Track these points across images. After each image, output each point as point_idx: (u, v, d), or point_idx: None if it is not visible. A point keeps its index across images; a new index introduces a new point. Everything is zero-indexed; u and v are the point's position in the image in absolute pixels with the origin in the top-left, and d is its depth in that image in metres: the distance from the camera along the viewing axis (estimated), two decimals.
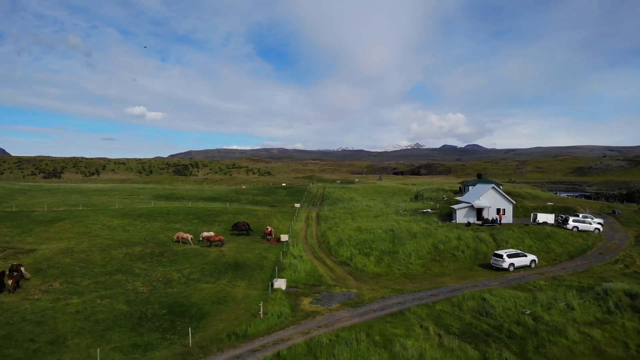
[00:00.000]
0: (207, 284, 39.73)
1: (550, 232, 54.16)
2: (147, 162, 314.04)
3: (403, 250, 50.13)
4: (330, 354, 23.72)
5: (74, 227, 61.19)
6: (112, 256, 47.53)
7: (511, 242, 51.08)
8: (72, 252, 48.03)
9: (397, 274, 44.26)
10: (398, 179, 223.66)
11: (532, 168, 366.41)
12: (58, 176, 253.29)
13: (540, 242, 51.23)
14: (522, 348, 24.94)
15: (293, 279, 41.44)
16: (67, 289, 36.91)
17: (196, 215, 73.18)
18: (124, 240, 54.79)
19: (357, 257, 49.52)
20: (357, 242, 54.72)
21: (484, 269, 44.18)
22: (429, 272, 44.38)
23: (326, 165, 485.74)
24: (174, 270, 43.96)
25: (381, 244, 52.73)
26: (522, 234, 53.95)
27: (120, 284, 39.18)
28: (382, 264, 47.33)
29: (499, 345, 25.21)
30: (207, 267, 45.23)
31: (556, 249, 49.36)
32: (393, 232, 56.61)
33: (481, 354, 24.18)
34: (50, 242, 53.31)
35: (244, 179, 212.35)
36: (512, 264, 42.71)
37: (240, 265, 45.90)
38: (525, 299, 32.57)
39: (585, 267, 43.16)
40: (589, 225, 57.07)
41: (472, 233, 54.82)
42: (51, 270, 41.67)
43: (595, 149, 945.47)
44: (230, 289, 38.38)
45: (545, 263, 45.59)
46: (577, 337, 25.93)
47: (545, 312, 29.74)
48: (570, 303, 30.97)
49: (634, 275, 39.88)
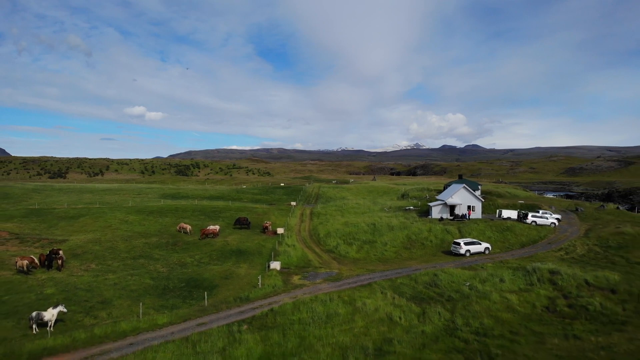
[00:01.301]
0: (215, 266, 48.38)
1: (510, 226, 62.85)
2: (149, 163, 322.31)
3: (381, 240, 58.73)
4: (309, 308, 32.32)
5: (95, 222, 69.72)
6: (134, 245, 56.18)
7: (474, 234, 59.69)
8: (99, 241, 56.67)
9: (373, 258, 52.85)
10: (392, 179, 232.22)
11: (526, 168, 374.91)
12: (63, 176, 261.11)
13: (499, 233, 59.92)
14: (453, 306, 33.49)
15: (286, 262, 50.01)
16: (102, 268, 45.55)
17: (202, 212, 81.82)
18: (141, 232, 63.42)
19: (342, 246, 58.09)
20: (342, 234, 63.30)
21: (446, 255, 52.80)
22: (400, 257, 52.99)
23: (325, 165, 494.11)
24: (187, 256, 52.60)
25: (363, 235, 61.33)
26: (485, 227, 62.62)
27: (143, 266, 47.78)
28: (362, 251, 55.92)
29: (436, 305, 33.79)
30: (214, 253, 53.88)
31: (511, 239, 58.04)
32: (374, 226, 65.19)
33: (421, 309, 32.74)
34: (77, 234, 61.88)
35: (244, 179, 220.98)
36: (469, 250, 51.34)
37: (242, 252, 54.53)
38: (469, 275, 41.13)
39: (531, 254, 51.73)
40: (546, 220, 65.69)
41: (442, 226, 63.48)
42: (86, 255, 50.31)
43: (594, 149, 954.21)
44: (234, 269, 47.04)
45: (499, 250, 54.24)
46: (497, 299, 34.50)
47: (480, 284, 38.31)
48: (502, 278, 39.58)
49: (570, 260, 48.38)
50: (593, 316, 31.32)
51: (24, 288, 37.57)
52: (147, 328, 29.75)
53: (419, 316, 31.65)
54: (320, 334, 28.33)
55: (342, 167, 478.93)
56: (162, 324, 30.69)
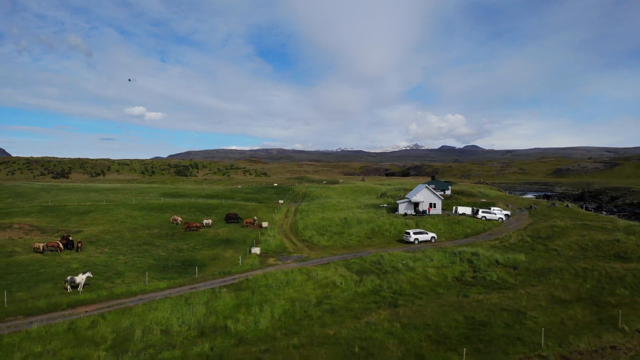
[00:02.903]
0: (206, 251, 58.75)
1: (460, 220, 73.25)
2: (149, 163, 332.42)
3: (348, 232, 68.99)
4: (274, 277, 42.67)
5: (104, 216, 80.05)
6: (138, 235, 66.54)
7: (428, 226, 69.97)
8: (109, 232, 67.04)
9: (339, 246, 63.10)
10: (380, 179, 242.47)
11: (516, 169, 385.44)
12: (66, 176, 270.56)
13: (449, 226, 70.30)
14: (384, 276, 43.76)
15: (265, 248, 60.28)
16: (114, 252, 55.93)
17: (197, 208, 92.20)
18: (144, 225, 73.77)
19: (315, 236, 68.33)
20: (318, 227, 73.57)
21: (399, 243, 63.08)
22: (361, 245, 63.23)
23: (321, 166, 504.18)
24: (183, 243, 62.94)
25: (335, 228, 71.60)
26: (439, 221, 73.02)
27: (147, 251, 58.12)
28: (331, 240, 66.15)
29: (372, 275, 44.09)
30: (206, 241, 64.25)
31: (458, 230, 68.43)
32: (346, 220, 75.50)
33: (360, 278, 43.04)
34: (89, 226, 72.19)
35: (241, 180, 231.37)
36: (417, 238, 61.65)
37: (229, 241, 64.88)
38: (408, 256, 51.35)
39: (471, 242, 62.00)
40: (494, 215, 76.06)
41: (403, 220, 73.86)
42: (99, 242, 60.69)
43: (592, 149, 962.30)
44: (222, 253, 57.41)
45: (445, 239, 64.58)
46: (420, 272, 44.83)
47: (413, 262, 48.60)
48: (432, 258, 49.92)
49: (500, 247, 58.59)
50: (488, 284, 41.73)
51: (55, 264, 47.93)
52: (152, 290, 40.10)
53: (357, 282, 42.00)
54: (279, 293, 38.70)
55: (338, 167, 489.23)
56: (163, 287, 41.05)
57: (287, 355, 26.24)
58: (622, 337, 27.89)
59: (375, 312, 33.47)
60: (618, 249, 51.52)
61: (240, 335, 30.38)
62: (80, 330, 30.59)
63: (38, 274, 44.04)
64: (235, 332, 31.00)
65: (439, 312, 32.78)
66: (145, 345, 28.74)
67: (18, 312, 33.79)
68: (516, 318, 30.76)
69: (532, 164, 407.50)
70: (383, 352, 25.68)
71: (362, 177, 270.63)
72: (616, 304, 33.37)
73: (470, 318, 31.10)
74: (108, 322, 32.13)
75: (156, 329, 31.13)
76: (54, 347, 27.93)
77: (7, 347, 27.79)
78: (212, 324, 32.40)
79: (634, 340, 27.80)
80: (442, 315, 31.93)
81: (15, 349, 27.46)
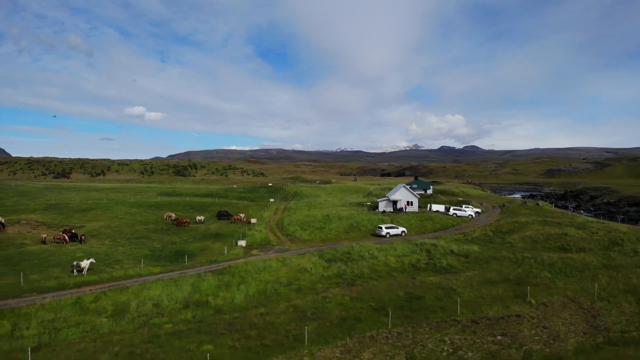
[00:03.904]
0: (197, 243, 65.08)
1: (432, 217, 79.59)
2: (148, 164, 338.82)
3: (329, 227, 75.26)
4: (254, 264, 48.96)
5: (104, 213, 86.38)
6: (136, 230, 72.85)
7: (401, 222, 76.21)
8: (109, 227, 73.37)
9: (318, 239, 69.36)
10: (373, 179, 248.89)
11: (509, 170, 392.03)
12: (66, 176, 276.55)
13: (420, 222, 76.61)
14: (350, 263, 49.97)
15: (251, 241, 66.52)
16: (114, 243, 62.27)
17: (192, 206, 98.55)
18: (142, 221, 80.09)
19: (298, 231, 74.55)
20: (302, 222, 79.82)
21: (373, 237, 69.34)
22: (338, 238, 69.47)
23: (319, 166, 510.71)
24: (176, 237, 69.28)
25: (317, 224, 77.85)
26: (412, 217, 79.34)
27: (144, 243, 64.43)
28: (312, 234, 72.36)
29: (340, 262, 50.34)
30: (198, 235, 70.57)
31: (428, 225, 74.75)
32: (328, 217, 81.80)
33: (328, 265, 49.32)
34: (91, 222, 78.51)
35: (238, 180, 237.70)
36: (388, 232, 67.92)
37: (219, 235, 71.20)
38: (376, 247, 57.57)
39: (437, 236, 68.24)
40: (465, 212, 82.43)
41: (381, 217, 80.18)
42: (100, 235, 67.02)
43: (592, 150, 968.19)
44: (210, 245, 63.75)
45: (414, 233, 70.85)
46: (382, 260, 51.08)
47: (378, 251, 54.85)
48: (396, 248, 56.19)
49: (462, 240, 64.80)
50: (438, 269, 48.02)
51: (62, 253, 54.26)
52: (146, 274, 46.42)
53: (325, 268, 48.31)
54: (255, 276, 45.03)
55: (335, 168, 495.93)
56: (156, 272, 47.38)
57: (253, 320, 32.64)
58: (528, 308, 34.30)
59: (333, 290, 39.82)
60: (563, 242, 57.90)
61: (219, 308, 36.68)
62: (85, 304, 36.90)
63: (47, 261, 50.37)
64: (214, 305, 37.30)
65: (386, 290, 39.15)
66: (139, 314, 35.04)
67: (32, 290, 40.10)
68: (446, 294, 37.13)
69: (526, 165, 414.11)
70: (328, 315, 32.07)
71: (354, 177, 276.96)
72: (536, 284, 39.80)
73: (409, 293, 37.48)
74: (108, 297, 38.46)
75: (149, 303, 37.43)
76: (63, 315, 34.25)
77: (25, 316, 34.08)
78: (195, 300, 38.71)
79: (537, 311, 34.22)
80: (387, 292, 38.31)
81: (32, 317, 33.78)
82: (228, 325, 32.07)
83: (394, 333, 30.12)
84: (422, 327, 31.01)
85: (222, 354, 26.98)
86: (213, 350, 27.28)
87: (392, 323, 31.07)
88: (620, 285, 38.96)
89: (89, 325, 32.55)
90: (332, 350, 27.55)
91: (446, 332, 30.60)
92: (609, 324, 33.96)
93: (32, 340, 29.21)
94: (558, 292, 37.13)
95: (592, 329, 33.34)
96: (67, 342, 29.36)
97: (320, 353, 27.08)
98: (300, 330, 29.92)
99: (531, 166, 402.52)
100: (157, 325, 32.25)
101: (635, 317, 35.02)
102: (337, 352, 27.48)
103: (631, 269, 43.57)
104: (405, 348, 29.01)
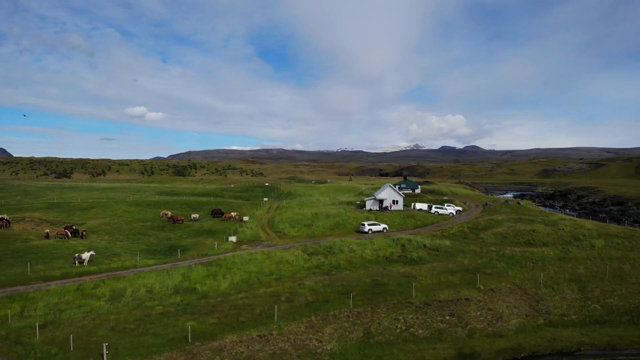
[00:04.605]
0: (190, 239, 69.52)
1: (415, 214, 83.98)
2: (149, 164, 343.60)
3: (316, 224, 79.64)
4: (240, 257, 53.37)
5: (104, 211, 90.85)
6: (134, 227, 77.33)
7: (385, 220, 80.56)
8: (109, 224, 77.86)
9: (305, 235, 73.74)
10: (369, 179, 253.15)
11: (505, 170, 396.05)
12: (68, 176, 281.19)
13: (402, 219, 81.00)
14: (330, 256, 54.38)
15: (241, 237, 70.91)
16: (113, 239, 66.75)
17: (188, 205, 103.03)
18: (140, 218, 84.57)
19: (287, 228, 78.93)
20: (291, 220, 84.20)
21: (356, 233, 73.73)
22: (324, 234, 73.85)
23: (318, 166, 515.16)
24: (172, 233, 73.73)
25: (305, 221, 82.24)
26: (396, 215, 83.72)
27: (141, 239, 68.87)
28: (300, 231, 76.71)
29: (320, 255, 54.75)
30: (192, 232, 75.03)
31: (409, 223, 79.13)
32: (316, 215, 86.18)
33: (309, 257, 53.74)
34: (91, 220, 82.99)
35: (236, 179, 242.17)
36: (370, 229, 72.29)
37: (212, 231, 75.64)
38: (356, 242, 61.90)
39: (416, 232, 72.59)
40: (446, 210, 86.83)
41: (366, 215, 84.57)
42: (100, 232, 71.52)
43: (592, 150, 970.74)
44: (203, 241, 68.19)
45: (396, 230, 75.22)
46: (358, 253, 55.43)
47: (357, 246, 59.19)
48: (374, 242, 60.57)
49: (439, 236, 69.08)
50: (408, 261, 52.40)
51: (64, 247, 58.74)
52: (142, 265, 50.87)
53: (306, 260, 52.73)
54: (241, 267, 49.45)
55: (334, 168, 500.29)
56: (151, 264, 51.83)
57: (234, 303, 37.12)
58: (477, 293, 38.74)
59: (310, 278, 44.26)
60: (530, 237, 62.32)
61: (205, 294, 41.11)
62: (86, 290, 41.35)
63: (51, 254, 54.85)
64: (201, 291, 41.72)
65: (356, 278, 43.60)
66: (133, 299, 39.48)
67: (38, 279, 44.55)
68: (408, 281, 41.57)
69: (522, 165, 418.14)
70: (300, 298, 36.55)
71: (349, 177, 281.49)
72: (490, 273, 44.25)
73: (376, 281, 41.92)
74: (107, 285, 42.91)
75: (142, 289, 41.87)
76: (67, 299, 38.70)
77: (32, 300, 38.51)
78: (185, 287, 43.14)
79: (485, 296, 38.66)
80: (356, 280, 42.76)
81: (39, 300, 38.21)
82: (211, 307, 36.55)
83: (354, 312, 34.57)
84: (380, 308, 35.45)
85: (203, 328, 31.45)
86: (196, 325, 31.75)
87: (354, 304, 35.53)
88: (567, 275, 43.39)
89: (89, 307, 36.99)
90: (298, 326, 32.02)
91: (401, 312, 35.05)
92: (551, 308, 38.46)
93: (40, 319, 33.65)
94: (507, 280, 41.58)
95: (534, 312, 37.81)
96: (70, 320, 33.82)
97: (287, 328, 31.55)
98: (274, 310, 34.36)
99: (527, 166, 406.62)
100: (149, 308, 36.71)
101: (576, 302, 39.58)
102: (302, 327, 31.95)
103: (582, 261, 48.01)
104: (363, 325, 33.48)
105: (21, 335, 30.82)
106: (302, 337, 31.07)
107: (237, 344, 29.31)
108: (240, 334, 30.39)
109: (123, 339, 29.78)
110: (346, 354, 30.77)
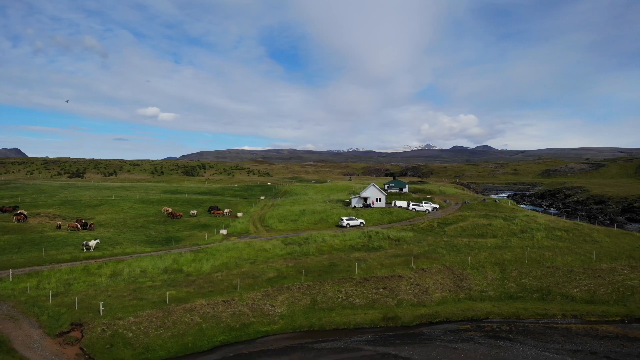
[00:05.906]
0: (186, 232, 78.09)
1: (393, 211, 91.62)
2: (159, 164, 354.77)
3: (302, 219, 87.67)
4: (225, 246, 61.64)
5: (112, 208, 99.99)
6: (137, 221, 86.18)
7: (365, 216, 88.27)
8: (115, 219, 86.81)
9: (289, 229, 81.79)
10: (369, 179, 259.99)
11: (509, 170, 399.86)
12: (81, 176, 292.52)
13: (380, 215, 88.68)
14: (304, 246, 62.34)
15: (232, 230, 79.21)
16: (117, 231, 75.59)
17: (189, 202, 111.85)
18: (143, 214, 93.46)
19: (275, 223, 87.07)
20: (280, 216, 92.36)
21: (336, 227, 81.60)
22: (307, 228, 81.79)
23: (324, 167, 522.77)
24: (170, 227, 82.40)
25: (293, 217, 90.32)
26: (375, 211, 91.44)
27: (143, 232, 77.59)
28: (286, 226, 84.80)
29: (295, 245, 62.75)
30: (188, 226, 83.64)
31: (385, 218, 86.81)
32: (304, 211, 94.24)
33: (285, 245, 61.78)
34: (100, 215, 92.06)
35: (242, 179, 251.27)
36: (348, 224, 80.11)
37: (207, 225, 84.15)
38: (331, 234, 69.73)
39: (390, 226, 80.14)
40: (422, 207, 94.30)
41: (349, 211, 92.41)
42: (106, 225, 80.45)
43: (605, 150, 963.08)
44: (197, 233, 76.72)
45: (372, 224, 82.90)
46: (329, 242, 63.30)
47: (330, 237, 67.08)
48: (347, 234, 68.41)
49: (408, 229, 76.53)
50: (369, 249, 60.16)
51: (74, 237, 67.64)
52: (140, 252, 59.43)
53: (281, 248, 60.81)
54: (224, 254, 57.71)
55: (340, 168, 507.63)
56: (148, 251, 60.37)
57: (210, 279, 45.35)
58: (409, 272, 46.54)
59: (278, 262, 52.36)
60: (484, 230, 69.69)
61: (189, 273, 49.41)
62: (91, 269, 49.91)
63: (63, 242, 63.75)
64: (186, 272, 50.02)
65: (317, 262, 51.61)
66: (129, 276, 47.89)
67: (51, 261, 53.26)
68: (358, 263, 49.44)
69: (525, 165, 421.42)
70: (264, 275, 44.70)
71: (349, 177, 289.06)
72: (429, 257, 51.92)
73: (332, 263, 49.91)
74: (108, 266, 51.43)
75: (138, 269, 50.30)
76: (74, 276, 47.26)
77: (46, 276, 47.07)
78: (173, 268, 51.48)
79: (416, 274, 46.43)
80: (317, 263, 50.78)
81: (52, 277, 46.79)
82: (191, 282, 44.86)
83: (305, 285, 42.63)
84: (327, 282, 43.46)
85: (180, 295, 39.76)
86: (174, 293, 40.08)
87: (306, 279, 43.58)
88: (493, 259, 50.95)
89: (92, 282, 45.50)
90: (256, 294, 40.18)
91: (343, 286, 43.03)
92: (472, 285, 46.12)
93: (52, 290, 42.16)
94: (439, 262, 49.26)
95: (457, 288, 45.53)
96: (77, 291, 42.33)
97: (246, 295, 39.73)
98: (238, 283, 42.54)
99: (531, 166, 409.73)
100: (140, 282, 45.14)
101: (495, 281, 47.16)
102: (259, 295, 40.10)
103: (513, 249, 55.47)
104: (311, 295, 41.53)
105: (37, 301, 39.29)
106: (258, 302, 39.20)
107: (205, 306, 37.53)
108: (209, 299, 38.62)
109: (116, 302, 38.19)
110: (293, 315, 38.81)
